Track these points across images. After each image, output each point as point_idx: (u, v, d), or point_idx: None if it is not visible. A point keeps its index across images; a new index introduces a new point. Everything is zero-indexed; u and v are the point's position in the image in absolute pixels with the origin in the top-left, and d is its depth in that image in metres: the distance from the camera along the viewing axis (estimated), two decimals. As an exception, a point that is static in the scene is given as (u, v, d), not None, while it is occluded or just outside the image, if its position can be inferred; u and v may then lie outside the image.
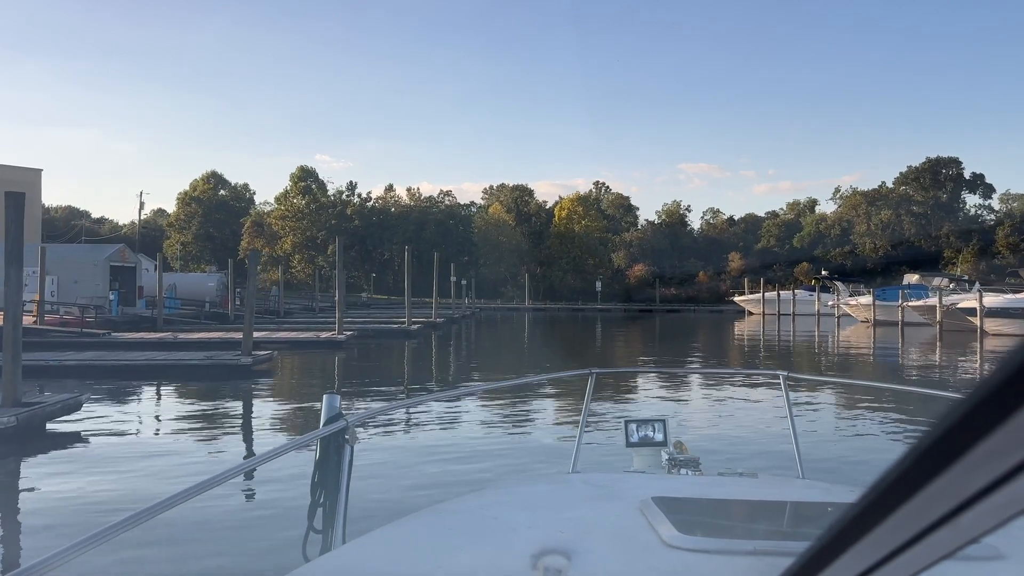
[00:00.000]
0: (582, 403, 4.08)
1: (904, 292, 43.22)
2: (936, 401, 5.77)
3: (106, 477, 8.98)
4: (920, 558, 0.55)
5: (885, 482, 0.51)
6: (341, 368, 22.13)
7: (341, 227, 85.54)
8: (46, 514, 7.50)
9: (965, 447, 0.44)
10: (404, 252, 37.10)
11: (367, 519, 2.97)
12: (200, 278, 53.55)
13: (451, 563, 1.83)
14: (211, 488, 2.04)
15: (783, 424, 4.40)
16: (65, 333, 25.12)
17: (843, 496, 2.57)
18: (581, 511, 2.21)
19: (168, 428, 12.49)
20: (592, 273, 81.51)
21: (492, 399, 14.57)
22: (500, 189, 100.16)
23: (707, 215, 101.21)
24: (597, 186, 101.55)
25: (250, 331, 18.01)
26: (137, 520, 1.78)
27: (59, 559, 1.56)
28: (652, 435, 3.75)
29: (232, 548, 6.55)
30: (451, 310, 50.69)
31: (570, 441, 4.33)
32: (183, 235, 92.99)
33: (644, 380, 17.29)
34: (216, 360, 17.84)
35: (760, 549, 1.77)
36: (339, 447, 2.73)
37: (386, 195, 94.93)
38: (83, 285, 36.34)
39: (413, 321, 36.27)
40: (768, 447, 10.08)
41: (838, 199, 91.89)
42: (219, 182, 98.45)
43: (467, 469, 9.33)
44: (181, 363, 17.48)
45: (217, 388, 16.54)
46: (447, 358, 27.70)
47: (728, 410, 14.11)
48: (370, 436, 11.00)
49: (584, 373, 3.99)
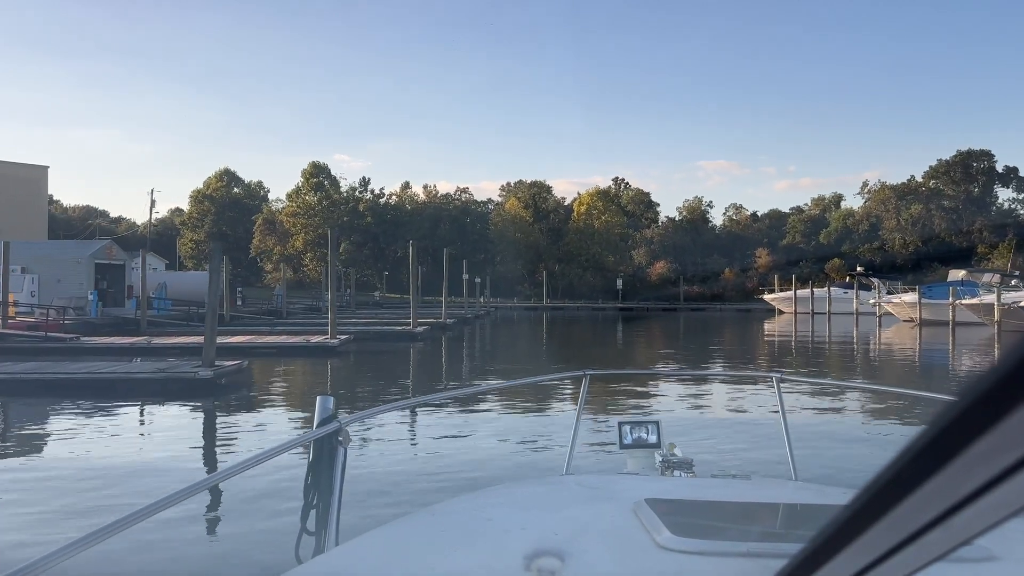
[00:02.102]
0: (576, 404, 4.05)
1: (955, 289, 39.75)
2: (929, 403, 5.73)
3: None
4: (913, 560, 0.55)
5: (878, 484, 0.51)
6: (326, 379, 19.39)
7: (353, 224, 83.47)
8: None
9: (958, 449, 0.44)
10: (418, 250, 34.42)
11: (360, 521, 3.25)
12: (198, 277, 51.04)
13: (444, 565, 1.83)
14: (204, 490, 1.60)
15: (776, 426, 4.05)
16: (26, 338, 22.65)
17: (836, 498, 2.51)
18: (574, 512, 2.22)
19: (53, 473, 9.34)
20: (612, 271, 78.54)
21: (486, 400, 14.45)
22: (517, 186, 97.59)
23: (729, 211, 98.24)
24: (616, 182, 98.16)
25: (212, 337, 15.29)
26: (129, 522, 1.77)
27: (50, 561, 1.54)
28: (646, 437, 3.73)
29: (225, 550, 6.50)
30: (463, 310, 47.96)
31: (564, 443, 4.58)
32: (196, 233, 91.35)
33: (638, 382, 16.88)
34: (170, 373, 15.03)
35: (753, 551, 1.76)
36: (332, 449, 2.69)
37: (402, 193, 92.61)
38: (66, 284, 33.72)
39: (419, 322, 33.58)
40: (761, 449, 9.81)
41: (865, 194, 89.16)
42: (232, 180, 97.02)
43: (460, 470, 9.25)
44: (129, 377, 14.69)
45: (159, 411, 13.79)
46: (454, 364, 24.89)
47: (722, 412, 14.13)
48: (363, 438, 10.83)
49: (578, 374, 4.02)
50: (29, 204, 68.48)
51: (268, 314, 42.59)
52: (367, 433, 11.17)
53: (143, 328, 29.01)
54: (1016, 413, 0.40)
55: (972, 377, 0.42)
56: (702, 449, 9.16)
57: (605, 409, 13.58)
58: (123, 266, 37.98)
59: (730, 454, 9.82)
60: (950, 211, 78.07)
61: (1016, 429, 0.41)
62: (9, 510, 7.75)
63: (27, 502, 7.99)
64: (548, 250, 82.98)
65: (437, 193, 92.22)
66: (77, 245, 39.32)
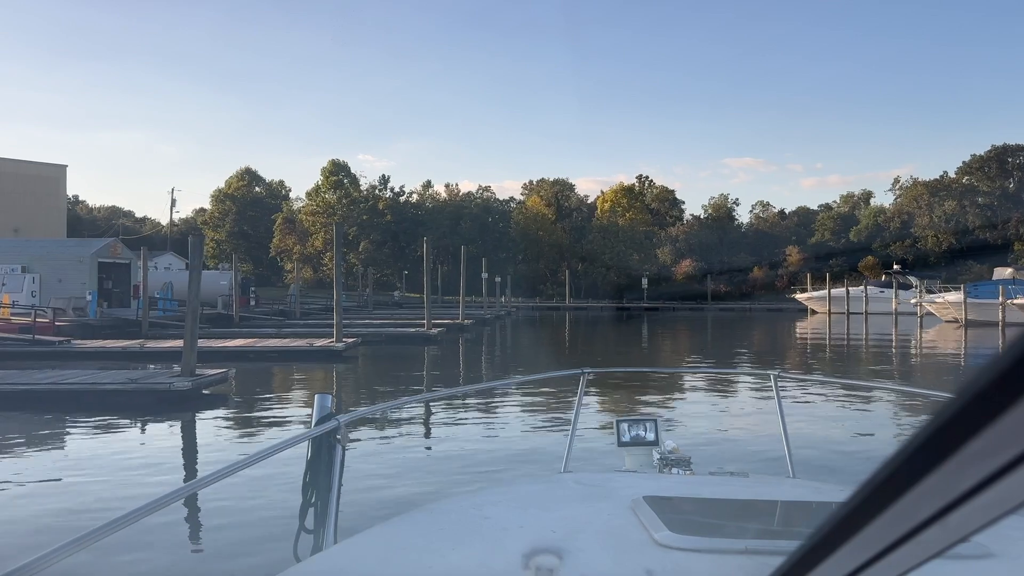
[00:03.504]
0: (574, 402, 4.08)
1: (1006, 288, 37.30)
2: (926, 400, 5.56)
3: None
4: (910, 557, 0.56)
5: (875, 481, 0.51)
6: (324, 387, 17.76)
7: (373, 222, 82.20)
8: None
9: (955, 446, 0.44)
10: (438, 249, 32.81)
11: (359, 519, 3.32)
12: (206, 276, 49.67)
13: (442, 563, 1.82)
14: (202, 488, 2.07)
15: (774, 423, 3.99)
16: (13, 341, 21.28)
17: (833, 495, 2.53)
18: (572, 510, 2.21)
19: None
20: (637, 269, 76.48)
21: (484, 399, 14.46)
22: (540, 184, 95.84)
23: (756, 208, 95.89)
24: (640, 180, 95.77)
25: (193, 343, 13.67)
26: (127, 520, 1.76)
27: (47, 560, 1.53)
28: (643, 434, 3.72)
29: (223, 548, 6.43)
30: (483, 310, 46.28)
31: (562, 440, 4.86)
32: (217, 233, 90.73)
33: (636, 379, 16.66)
34: (142, 384, 13.18)
35: (751, 548, 1.77)
36: (330, 447, 2.68)
37: (424, 192, 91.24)
38: (67, 284, 32.28)
39: (435, 323, 31.96)
40: (759, 446, 9.74)
41: (897, 190, 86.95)
42: (253, 179, 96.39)
43: (458, 469, 9.25)
44: (95, 389, 13.03)
45: (121, 429, 11.94)
46: (469, 370, 23.14)
47: (719, 409, 14.11)
48: (362, 436, 10.67)
49: (576, 372, 4.03)
50: (48, 202, 68.28)
51: (280, 315, 41.19)
52: (365, 431, 11.05)
53: (144, 330, 27.63)
54: (1013, 410, 0.40)
55: (970, 374, 0.42)
56: (700, 447, 9.08)
57: (603, 407, 13.63)
58: (128, 265, 36.40)
59: (728, 451, 9.77)
60: (985, 207, 75.96)
61: (1013, 426, 0.41)
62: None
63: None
64: (571, 248, 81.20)
65: (459, 192, 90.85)
66: (79, 243, 37.88)
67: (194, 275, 14.50)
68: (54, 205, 70.30)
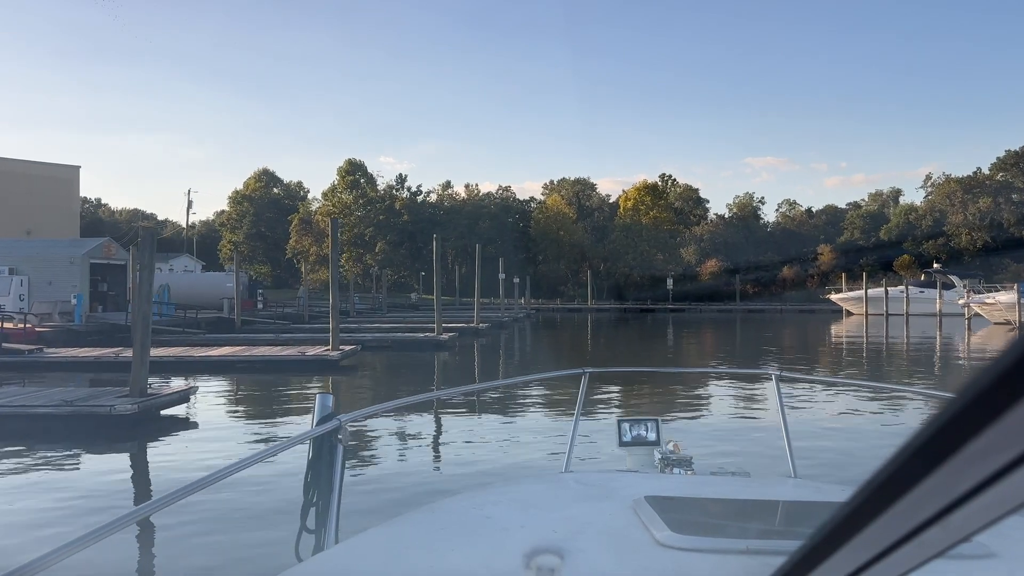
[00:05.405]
0: (575, 402, 3.97)
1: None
2: (928, 399, 5.33)
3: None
4: (911, 557, 0.56)
5: (876, 481, 0.51)
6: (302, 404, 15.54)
7: (390, 223, 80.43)
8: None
9: (956, 446, 0.44)
10: (456, 249, 30.74)
11: (360, 519, 3.12)
12: (206, 278, 47.84)
13: (444, 563, 1.81)
14: (203, 488, 2.00)
15: (775, 423, 3.87)
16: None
17: (835, 495, 2.52)
18: (574, 510, 2.19)
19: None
20: (661, 269, 73.94)
21: (486, 398, 14.44)
22: (560, 183, 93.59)
23: (782, 207, 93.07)
24: (663, 178, 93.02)
25: (143, 356, 11.59)
26: (130, 519, 1.76)
27: (51, 559, 1.51)
28: (645, 434, 3.73)
29: (225, 548, 6.39)
30: (500, 312, 44.08)
31: (563, 440, 4.66)
32: (235, 234, 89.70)
33: (637, 379, 16.71)
34: (79, 408, 11.00)
35: (752, 548, 1.76)
36: (332, 447, 2.62)
37: (443, 192, 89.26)
38: (58, 286, 30.50)
39: (447, 328, 29.85)
40: (760, 446, 9.62)
41: (928, 187, 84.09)
42: (271, 180, 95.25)
43: (460, 468, 9.19)
44: (26, 412, 10.93)
45: (40, 465, 9.51)
46: (483, 380, 21.03)
47: (721, 409, 14.05)
48: (363, 436, 10.63)
49: (577, 372, 3.97)
50: (61, 204, 67.26)
51: (286, 318, 39.29)
52: (367, 431, 10.99)
53: (134, 336, 25.70)
54: (1014, 410, 0.40)
55: (972, 374, 0.42)
56: (701, 446, 8.81)
57: (604, 407, 13.60)
58: (124, 266, 34.51)
59: (729, 451, 9.68)
60: (1020, 204, 73.51)
61: (1014, 426, 0.40)
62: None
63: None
64: (593, 248, 78.74)
65: (479, 192, 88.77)
66: (71, 243, 36.08)
67: (144, 275, 12.44)
68: (67, 207, 69.26)
